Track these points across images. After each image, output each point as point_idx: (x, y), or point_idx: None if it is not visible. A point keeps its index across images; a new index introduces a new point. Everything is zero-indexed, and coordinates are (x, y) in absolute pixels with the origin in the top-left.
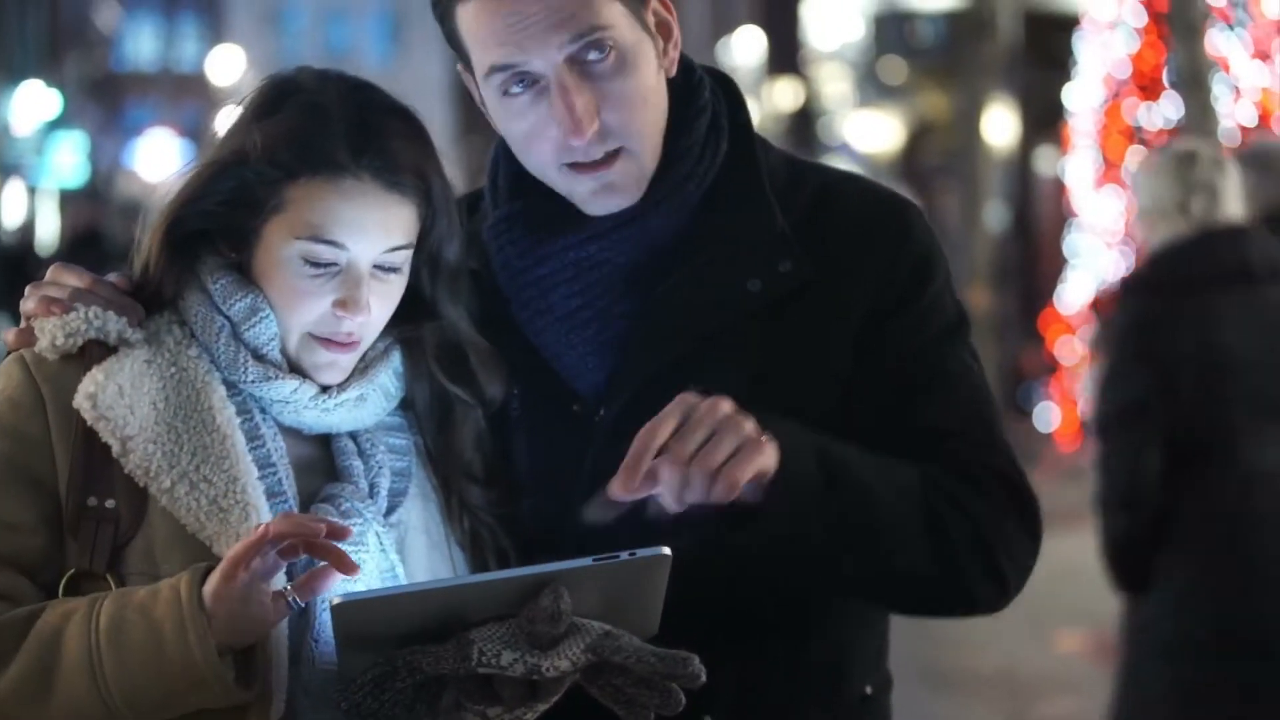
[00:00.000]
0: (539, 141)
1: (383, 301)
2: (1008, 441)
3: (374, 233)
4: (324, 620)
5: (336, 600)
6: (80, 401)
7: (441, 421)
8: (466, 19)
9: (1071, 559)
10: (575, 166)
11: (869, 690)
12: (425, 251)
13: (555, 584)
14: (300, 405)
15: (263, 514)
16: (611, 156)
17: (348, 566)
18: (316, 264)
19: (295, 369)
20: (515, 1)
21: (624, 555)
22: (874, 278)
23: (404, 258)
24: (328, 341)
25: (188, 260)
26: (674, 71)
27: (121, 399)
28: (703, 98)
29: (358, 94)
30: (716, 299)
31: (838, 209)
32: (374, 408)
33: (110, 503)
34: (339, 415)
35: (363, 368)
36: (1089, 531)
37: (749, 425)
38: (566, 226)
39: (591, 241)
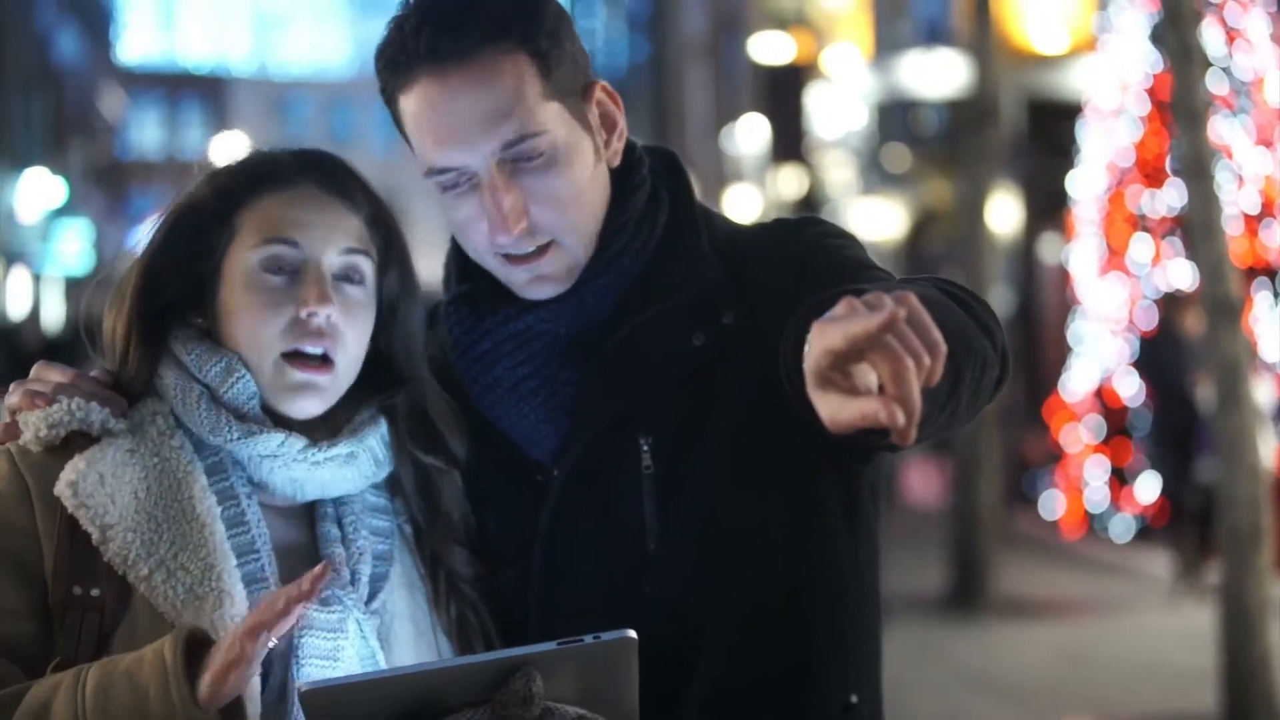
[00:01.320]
0: (474, 233)
1: (350, 318)
2: None
3: (323, 230)
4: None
5: (305, 686)
6: (61, 489)
7: (425, 489)
8: (407, 111)
9: (1077, 647)
10: (508, 257)
11: (854, 700)
12: (384, 301)
13: (527, 667)
14: (290, 458)
15: (239, 601)
16: (542, 249)
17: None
18: (275, 270)
19: (279, 423)
20: (449, 103)
21: (588, 639)
22: (786, 296)
23: (365, 266)
24: (301, 359)
25: (159, 338)
26: (616, 162)
27: (102, 487)
28: (640, 174)
29: (309, 150)
30: (662, 354)
31: (754, 250)
32: (364, 469)
33: (95, 591)
34: (329, 471)
35: (351, 429)
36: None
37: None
38: (506, 302)
39: (529, 313)
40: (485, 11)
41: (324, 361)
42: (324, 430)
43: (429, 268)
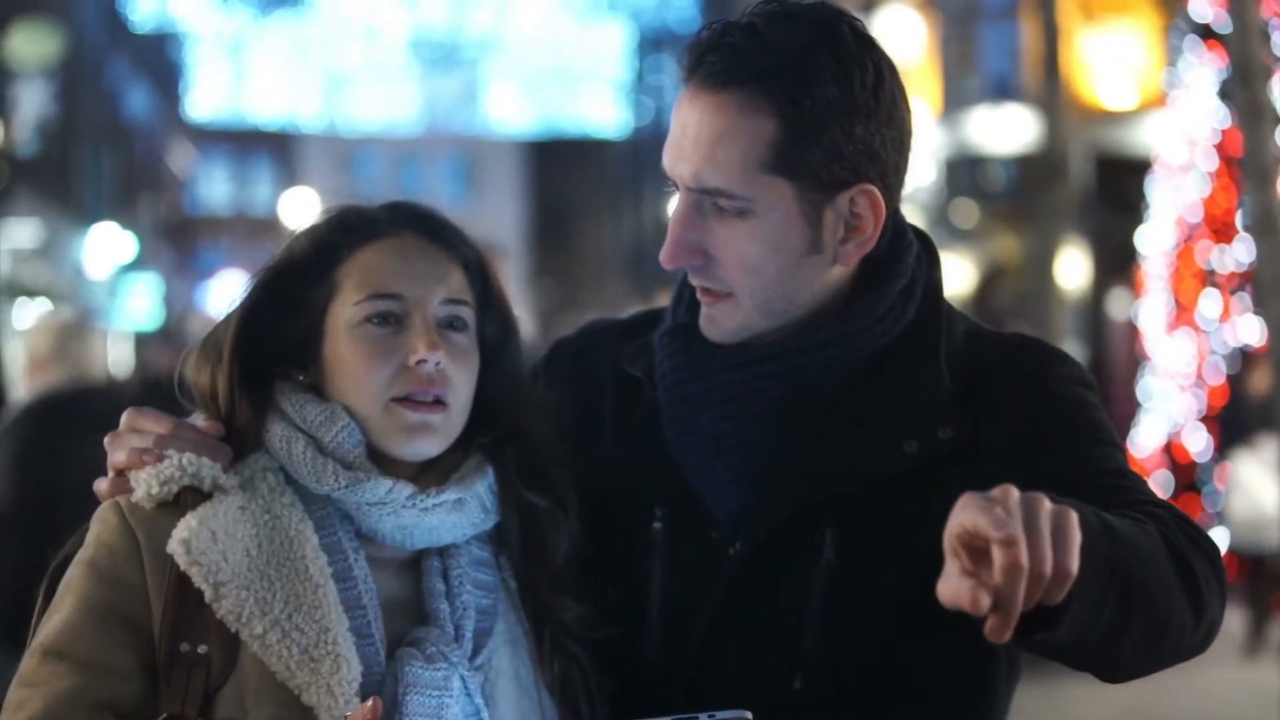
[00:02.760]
0: None
1: (458, 364)
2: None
3: (426, 280)
4: None
5: None
6: (174, 547)
7: (531, 537)
8: (676, 107)
9: (1147, 705)
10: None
11: None
12: (486, 346)
13: None
14: (398, 505)
15: (355, 665)
16: (715, 293)
17: None
18: (381, 322)
19: (386, 472)
20: (683, 117)
21: (703, 717)
22: (1022, 430)
23: (467, 315)
24: (413, 403)
25: (264, 391)
26: (851, 263)
27: (215, 545)
28: (903, 264)
29: (402, 201)
30: (871, 453)
31: (1000, 378)
32: (472, 516)
33: (203, 648)
34: (437, 517)
35: (459, 476)
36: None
37: (1048, 504)
38: (725, 349)
39: (746, 367)
40: (765, 56)
41: (437, 403)
42: (432, 477)
43: None
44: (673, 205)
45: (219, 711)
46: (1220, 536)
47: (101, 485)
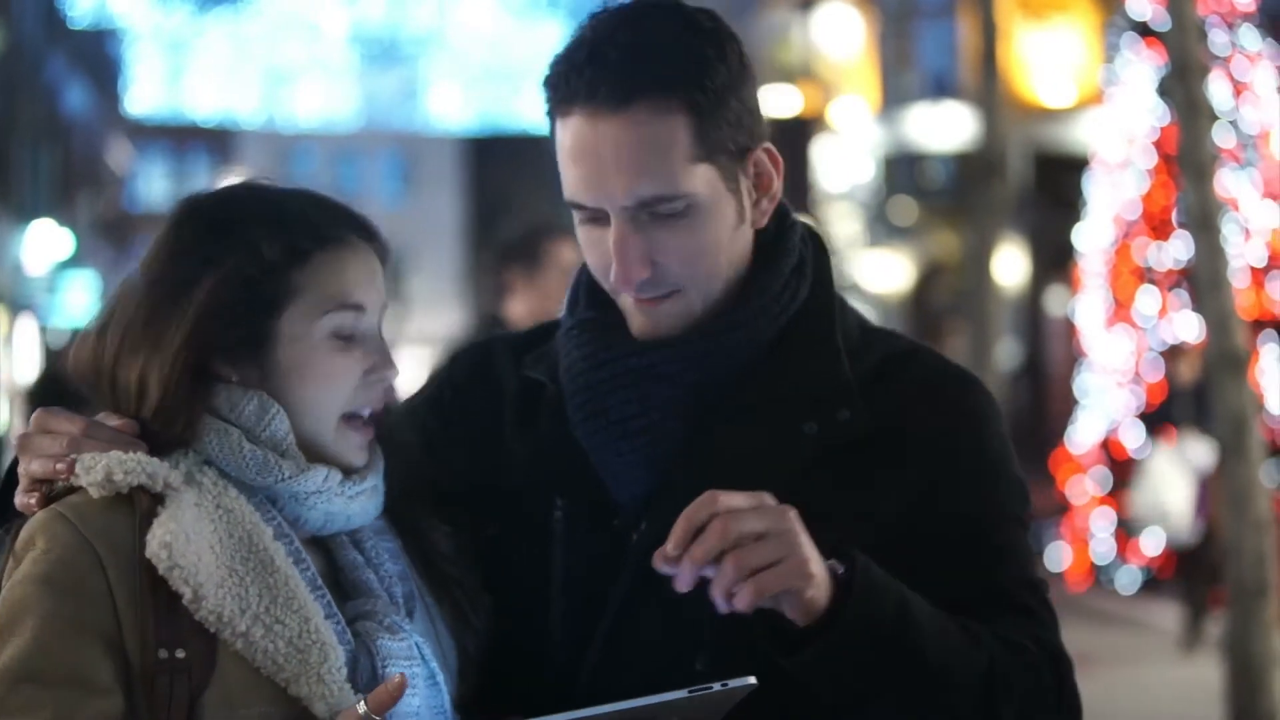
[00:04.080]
0: (600, 266)
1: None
2: (1054, 612)
3: (377, 290)
4: None
5: None
6: (155, 550)
7: (397, 484)
8: (559, 137)
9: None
10: (630, 295)
11: None
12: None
13: (669, 714)
14: (331, 493)
15: (339, 651)
16: (664, 296)
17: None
18: (344, 337)
19: (313, 459)
20: (595, 146)
21: (717, 686)
22: (937, 451)
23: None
24: (359, 424)
25: (203, 389)
26: (764, 223)
27: (189, 545)
28: (791, 241)
29: (271, 186)
30: (771, 436)
31: (906, 375)
32: (379, 500)
33: (180, 653)
34: (359, 504)
35: (372, 462)
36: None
37: (803, 548)
38: (631, 336)
39: (655, 351)
40: (654, 61)
41: (373, 418)
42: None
43: (436, 319)
44: (587, 235)
45: (206, 716)
46: (1157, 531)
47: (21, 500)
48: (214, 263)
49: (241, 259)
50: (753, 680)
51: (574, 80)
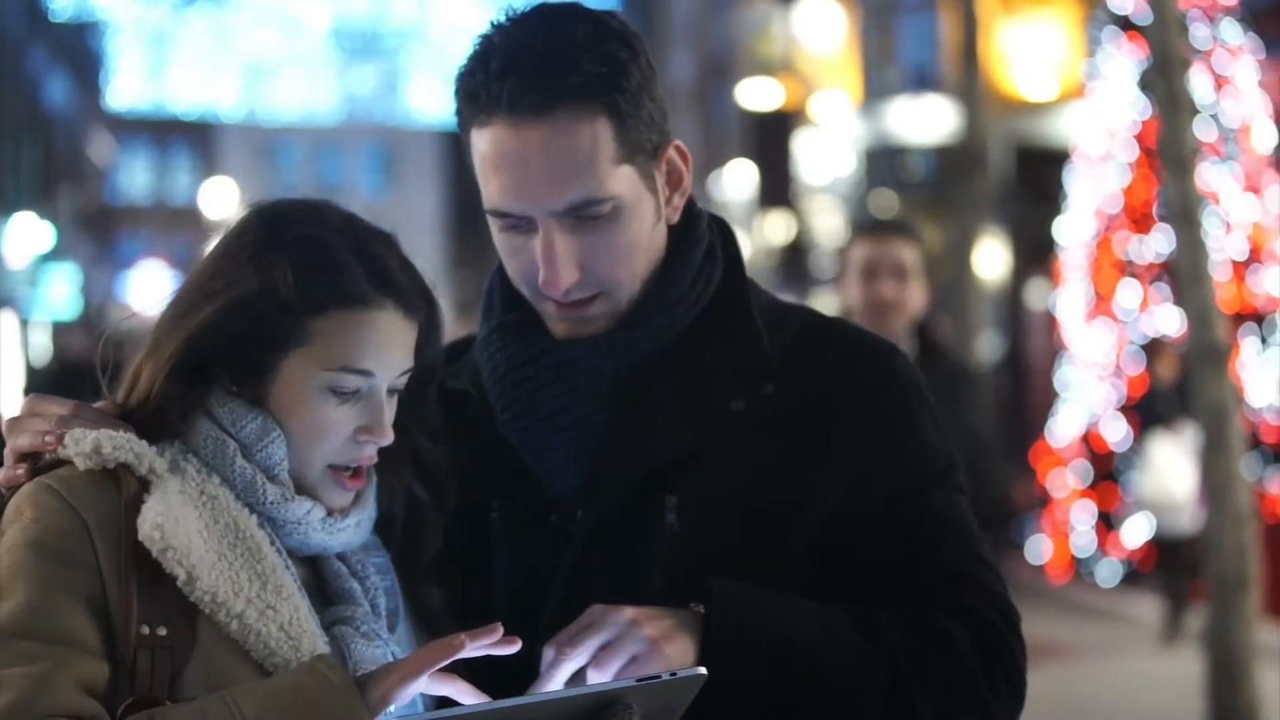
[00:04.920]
0: (523, 272)
1: (391, 424)
2: (999, 576)
3: (396, 359)
4: None
5: None
6: (148, 532)
7: (411, 530)
8: (478, 148)
9: (1066, 692)
10: (554, 302)
11: None
12: (416, 369)
13: (625, 701)
14: (311, 527)
15: (321, 642)
16: (589, 300)
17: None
18: (343, 393)
19: (300, 491)
20: (520, 155)
21: (665, 675)
22: (860, 421)
23: (406, 378)
24: (344, 476)
25: (196, 390)
26: (676, 218)
27: (180, 527)
28: (699, 230)
29: (350, 224)
30: (699, 415)
31: (825, 347)
32: (365, 530)
33: (162, 630)
34: (341, 538)
35: (360, 497)
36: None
37: (648, 631)
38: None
39: (578, 345)
40: (571, 68)
41: (363, 476)
42: None
43: None
44: (508, 242)
45: (184, 694)
46: (1139, 523)
47: (6, 474)
48: (236, 285)
49: (259, 291)
50: (702, 671)
51: (493, 90)
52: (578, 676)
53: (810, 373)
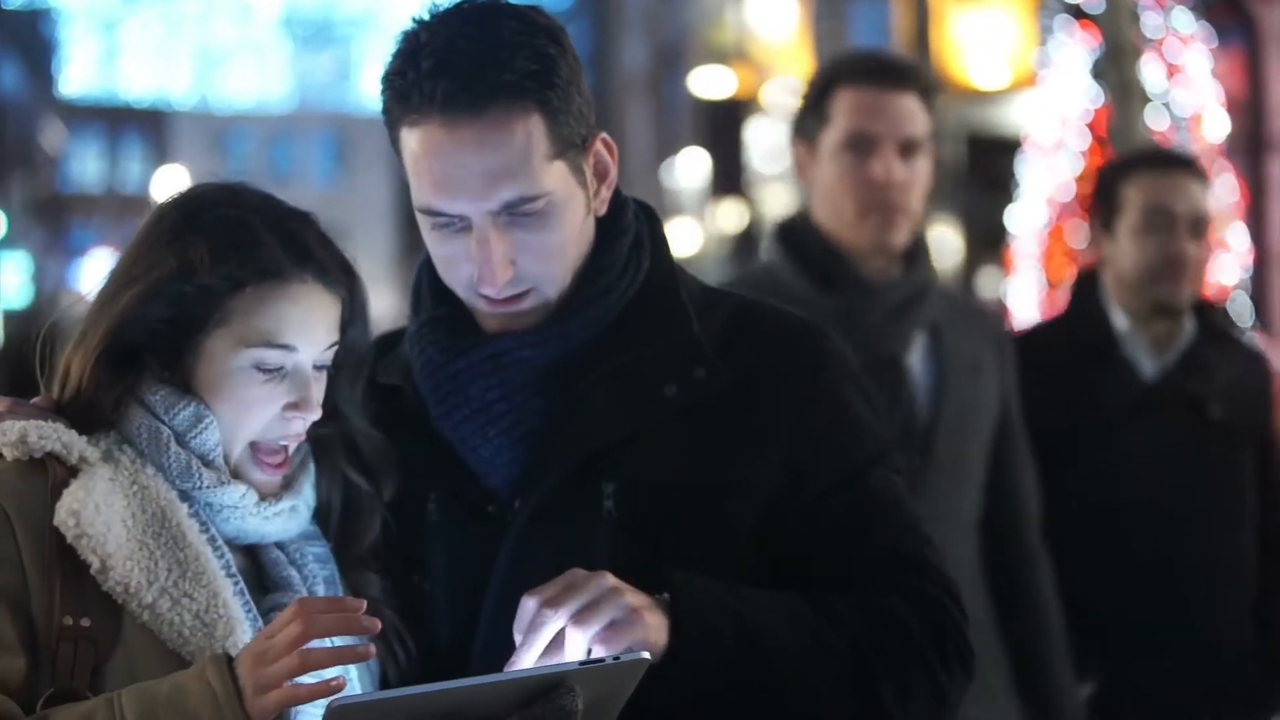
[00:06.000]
0: (457, 271)
1: (319, 400)
2: (936, 550)
3: (319, 333)
4: None
5: (335, 704)
6: (63, 518)
7: (348, 518)
8: (409, 147)
9: None
10: (486, 298)
11: None
12: (344, 347)
13: (569, 683)
14: (246, 511)
15: (245, 627)
16: (521, 295)
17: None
18: (267, 370)
19: (236, 476)
20: (455, 154)
21: (609, 659)
22: (792, 403)
23: (333, 354)
24: (266, 458)
25: (125, 379)
26: (604, 210)
27: (99, 515)
28: (625, 219)
29: (267, 204)
30: (632, 401)
31: (753, 330)
32: (302, 518)
33: (85, 621)
34: (276, 524)
35: (288, 481)
36: None
37: (629, 599)
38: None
39: (510, 336)
40: (503, 66)
41: (285, 460)
42: None
43: (370, 299)
44: (439, 240)
45: (107, 686)
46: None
47: None
48: (155, 268)
49: (177, 273)
50: (646, 655)
51: (425, 89)
52: (557, 638)
53: (741, 356)
